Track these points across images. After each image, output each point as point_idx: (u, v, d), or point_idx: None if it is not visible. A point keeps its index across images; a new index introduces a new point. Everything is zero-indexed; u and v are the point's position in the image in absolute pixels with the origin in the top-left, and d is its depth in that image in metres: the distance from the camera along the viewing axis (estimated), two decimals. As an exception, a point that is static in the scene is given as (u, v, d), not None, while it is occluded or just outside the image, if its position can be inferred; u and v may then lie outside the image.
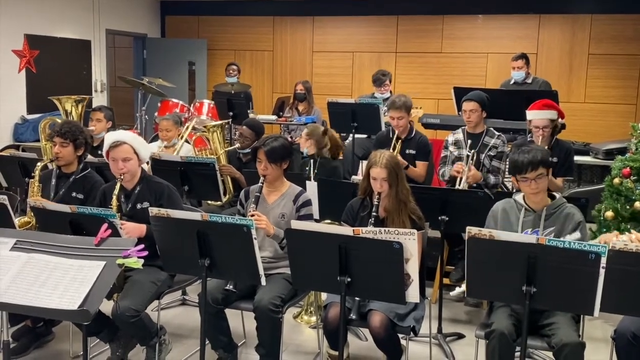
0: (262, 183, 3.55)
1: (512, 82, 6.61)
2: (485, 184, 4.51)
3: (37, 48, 8.12)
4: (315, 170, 4.80)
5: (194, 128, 6.64)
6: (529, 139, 4.54)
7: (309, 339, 4.14)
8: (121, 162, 3.51)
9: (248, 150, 5.16)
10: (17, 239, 2.46)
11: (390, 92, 6.44)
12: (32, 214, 3.62)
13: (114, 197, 3.47)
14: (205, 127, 5.51)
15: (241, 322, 3.92)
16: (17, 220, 3.81)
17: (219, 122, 6.05)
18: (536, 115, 4.36)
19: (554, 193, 3.27)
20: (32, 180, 3.88)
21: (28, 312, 2.79)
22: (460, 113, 4.91)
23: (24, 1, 8.01)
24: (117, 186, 3.50)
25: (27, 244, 2.44)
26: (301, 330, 4.27)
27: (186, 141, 5.83)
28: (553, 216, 3.18)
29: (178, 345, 3.92)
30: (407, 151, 4.91)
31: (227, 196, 4.93)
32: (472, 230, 2.63)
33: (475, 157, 4.54)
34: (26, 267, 2.31)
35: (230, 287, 3.33)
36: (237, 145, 5.18)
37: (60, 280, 2.25)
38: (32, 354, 3.80)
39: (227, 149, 5.29)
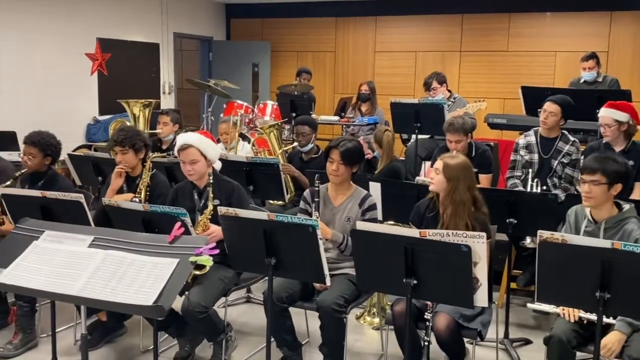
0: (319, 186, 3.56)
1: (582, 81, 6.40)
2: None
3: (108, 51, 8.43)
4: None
5: (254, 129, 6.76)
6: (604, 141, 4.38)
7: (372, 340, 4.13)
8: (189, 165, 3.61)
9: (309, 147, 5.19)
10: (95, 236, 2.55)
11: (449, 91, 6.31)
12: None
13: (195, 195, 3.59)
14: (261, 128, 5.59)
15: (305, 321, 3.96)
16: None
17: (274, 122, 6.11)
18: (601, 113, 4.29)
19: (624, 205, 3.11)
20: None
21: (105, 307, 2.91)
22: (539, 111, 4.66)
23: (97, 6, 8.32)
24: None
25: (104, 240, 2.52)
26: (364, 332, 4.27)
27: (247, 139, 5.93)
28: (613, 230, 3.06)
29: (243, 342, 3.99)
30: None
31: (289, 195, 4.98)
32: (543, 234, 2.56)
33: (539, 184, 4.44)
34: (104, 263, 2.40)
35: None
36: (296, 143, 5.22)
37: (136, 276, 2.32)
38: (104, 347, 3.94)
39: (285, 149, 5.34)
